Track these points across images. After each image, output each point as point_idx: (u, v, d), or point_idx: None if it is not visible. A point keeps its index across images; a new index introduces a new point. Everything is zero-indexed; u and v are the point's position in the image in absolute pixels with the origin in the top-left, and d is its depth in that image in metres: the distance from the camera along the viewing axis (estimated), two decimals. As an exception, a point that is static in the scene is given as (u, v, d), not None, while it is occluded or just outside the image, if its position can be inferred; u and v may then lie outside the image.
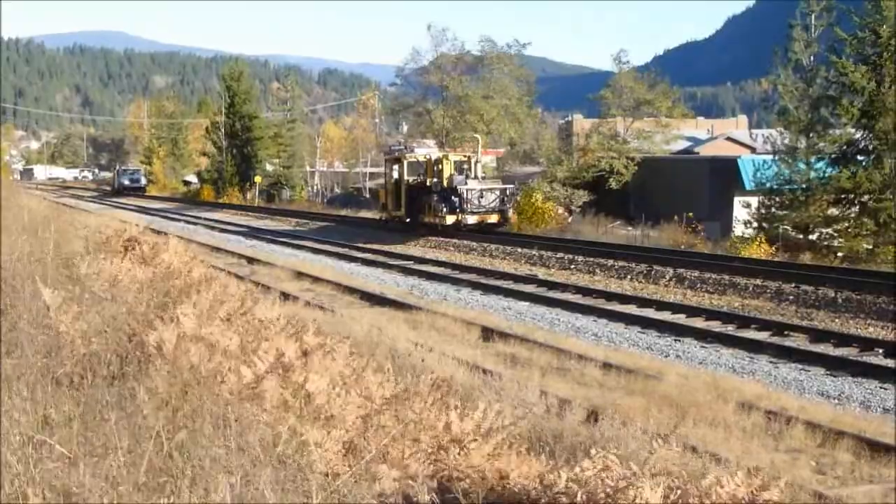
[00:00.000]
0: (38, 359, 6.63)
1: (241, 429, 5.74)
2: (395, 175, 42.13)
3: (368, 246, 35.75)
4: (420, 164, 41.32)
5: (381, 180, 46.96)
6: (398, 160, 42.08)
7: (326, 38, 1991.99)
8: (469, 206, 37.05)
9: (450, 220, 37.13)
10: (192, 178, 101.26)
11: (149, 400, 5.98)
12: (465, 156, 41.42)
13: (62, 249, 12.89)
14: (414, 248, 35.18)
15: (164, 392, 6.23)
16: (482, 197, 37.54)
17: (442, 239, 36.68)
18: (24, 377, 6.08)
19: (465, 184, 37.59)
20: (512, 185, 41.15)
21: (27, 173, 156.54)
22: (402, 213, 41.13)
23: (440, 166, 39.55)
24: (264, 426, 6.07)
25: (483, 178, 40.31)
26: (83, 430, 5.22)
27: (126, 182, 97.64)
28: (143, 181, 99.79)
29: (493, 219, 37.79)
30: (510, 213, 38.91)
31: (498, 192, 38.29)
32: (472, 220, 37.13)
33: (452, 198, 37.40)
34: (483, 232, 36.94)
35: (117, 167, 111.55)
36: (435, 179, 39.38)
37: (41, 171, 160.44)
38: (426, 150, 43.45)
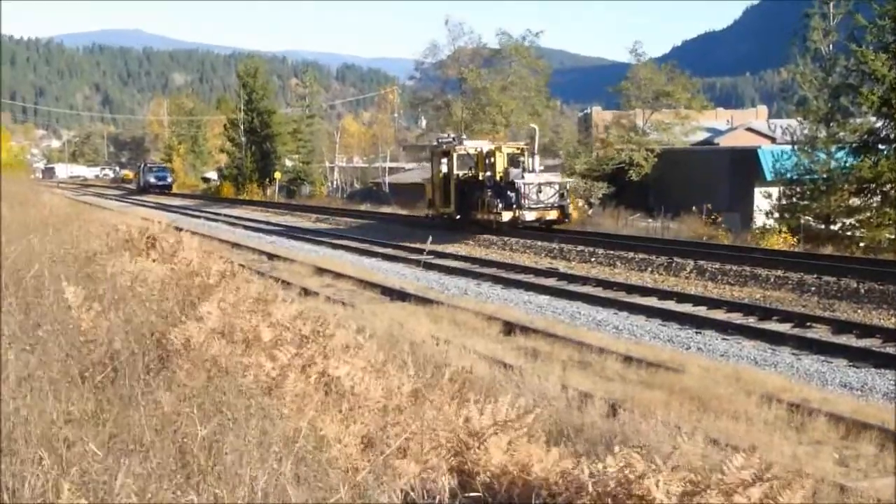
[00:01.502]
0: (62, 356, 6.68)
1: (263, 423, 5.77)
2: (444, 169, 39.41)
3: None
4: (470, 156, 38.97)
5: (427, 175, 43.78)
6: (447, 153, 39.27)
7: (343, 34, 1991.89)
8: (527, 201, 34.69)
9: (506, 216, 34.68)
10: (212, 175, 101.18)
11: (172, 396, 6.02)
12: (518, 148, 38.71)
13: (84, 247, 12.96)
14: (432, 245, 34.87)
15: (188, 388, 6.27)
16: (540, 191, 35.11)
17: (472, 235, 36.32)
18: (47, 374, 6.13)
19: (522, 177, 35.24)
20: (571, 180, 38.76)
21: (48, 172, 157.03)
22: (452, 210, 38.63)
23: (492, 159, 37.13)
24: (285, 420, 6.10)
25: (541, 171, 37.38)
26: (107, 427, 5.25)
27: (152, 179, 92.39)
28: (170, 178, 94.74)
29: (553, 215, 35.31)
30: (570, 208, 36.31)
31: (557, 187, 35.92)
32: (530, 216, 34.78)
33: (508, 192, 35.00)
34: (541, 230, 34.58)
35: (142, 164, 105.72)
36: (488, 173, 36.96)
37: (62, 170, 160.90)
38: (476, 142, 41.19)
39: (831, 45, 37.44)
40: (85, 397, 5.79)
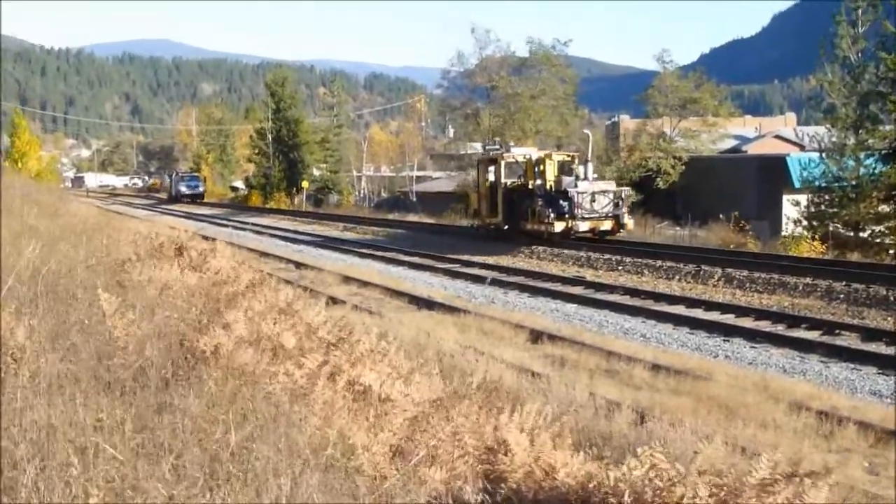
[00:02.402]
0: (92, 363, 6.73)
1: (290, 431, 5.80)
2: (491, 177, 38.26)
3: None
4: (519, 164, 37.81)
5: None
6: (494, 161, 38.14)
7: (371, 43, 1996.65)
8: (580, 210, 33.27)
9: (558, 227, 33.34)
10: (240, 184, 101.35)
11: (201, 403, 6.06)
12: (568, 155, 37.68)
13: (113, 256, 13.05)
14: (458, 252, 34.85)
15: (216, 395, 6.31)
16: (594, 201, 33.64)
17: (491, 243, 36.26)
18: (77, 381, 6.18)
19: (576, 186, 33.81)
20: (627, 188, 37.42)
21: (78, 181, 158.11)
22: (500, 220, 37.34)
23: (542, 167, 35.90)
24: (313, 428, 6.13)
25: (594, 179, 35.81)
26: (137, 434, 5.30)
27: (184, 189, 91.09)
28: (202, 188, 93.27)
29: (607, 225, 33.89)
30: (626, 218, 34.41)
31: (612, 196, 34.24)
32: (583, 226, 33.37)
33: (560, 202, 33.69)
34: (594, 241, 33.38)
35: (173, 172, 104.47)
36: (538, 182, 35.61)
37: (92, 179, 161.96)
38: (525, 149, 39.94)
39: (860, 53, 37.21)
40: (114, 404, 5.84)
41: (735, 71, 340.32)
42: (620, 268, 28.73)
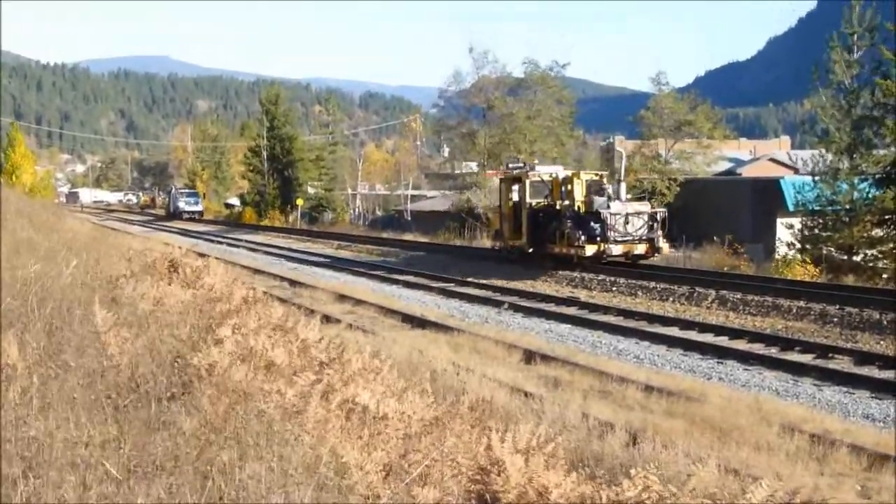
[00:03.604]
0: (85, 380, 6.71)
1: (283, 450, 5.78)
2: (515, 197, 36.75)
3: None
4: (545, 184, 35.66)
5: (497, 202, 39.48)
6: (518, 180, 36.44)
7: (368, 61, 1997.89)
8: (613, 233, 31.55)
9: (590, 250, 31.52)
10: (235, 201, 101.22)
11: (194, 421, 6.05)
12: (597, 174, 36.10)
13: (107, 272, 13.03)
14: (452, 272, 34.84)
15: (209, 413, 6.30)
16: (628, 223, 31.90)
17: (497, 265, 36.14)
18: (70, 398, 6.16)
19: (608, 207, 32.09)
20: (663, 209, 34.68)
21: (72, 196, 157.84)
22: (524, 242, 35.42)
23: (569, 186, 34.21)
24: (306, 447, 6.11)
25: (627, 200, 34.33)
26: (130, 452, 5.28)
27: (182, 205, 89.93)
28: (201, 205, 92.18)
29: (641, 249, 32.14)
30: (661, 241, 32.55)
31: (646, 217, 32.40)
32: (617, 250, 31.63)
33: (591, 223, 31.93)
34: (626, 265, 32.06)
35: (172, 188, 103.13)
36: (566, 202, 33.93)
37: (86, 195, 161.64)
38: (550, 167, 38.06)
39: (854, 78, 37.30)
40: (107, 421, 5.83)
41: (730, 94, 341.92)
42: (614, 289, 28.74)
